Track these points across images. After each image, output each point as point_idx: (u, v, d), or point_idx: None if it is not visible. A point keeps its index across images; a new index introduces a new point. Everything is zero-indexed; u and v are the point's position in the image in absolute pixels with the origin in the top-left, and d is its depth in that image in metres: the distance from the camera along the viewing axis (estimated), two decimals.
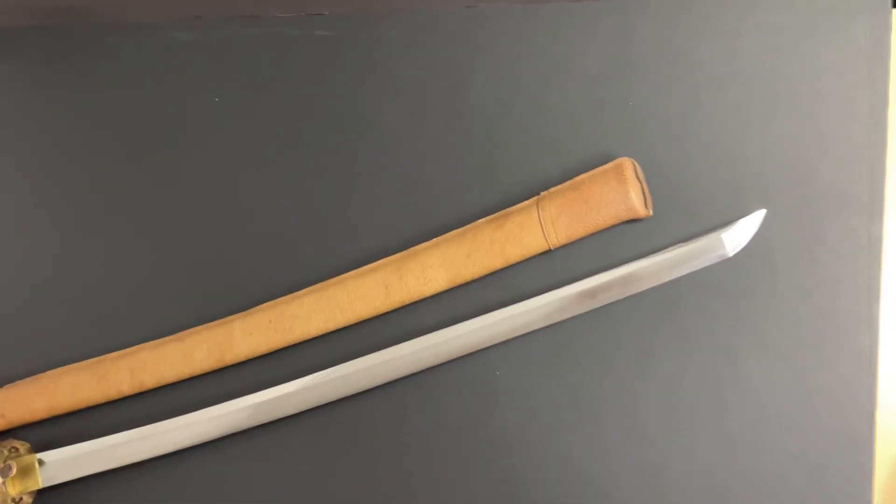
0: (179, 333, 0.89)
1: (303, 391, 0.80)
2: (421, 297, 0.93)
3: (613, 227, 0.88)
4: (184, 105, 0.86)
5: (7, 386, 0.88)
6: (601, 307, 0.85)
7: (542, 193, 0.91)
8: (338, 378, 0.82)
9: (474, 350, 0.88)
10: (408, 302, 0.93)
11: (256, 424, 0.80)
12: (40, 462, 0.81)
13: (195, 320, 0.86)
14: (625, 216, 0.87)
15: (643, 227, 0.88)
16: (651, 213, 0.88)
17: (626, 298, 0.85)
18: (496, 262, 0.90)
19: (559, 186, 0.91)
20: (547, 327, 0.87)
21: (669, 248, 0.85)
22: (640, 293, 0.84)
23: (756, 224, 0.84)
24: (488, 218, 0.92)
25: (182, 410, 0.83)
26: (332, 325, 0.95)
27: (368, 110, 0.93)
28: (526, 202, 0.91)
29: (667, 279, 0.84)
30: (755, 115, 0.87)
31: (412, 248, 0.94)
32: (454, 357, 0.89)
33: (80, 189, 0.87)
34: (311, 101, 0.87)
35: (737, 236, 0.83)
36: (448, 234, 0.94)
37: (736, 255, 0.83)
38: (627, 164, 0.87)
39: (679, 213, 0.88)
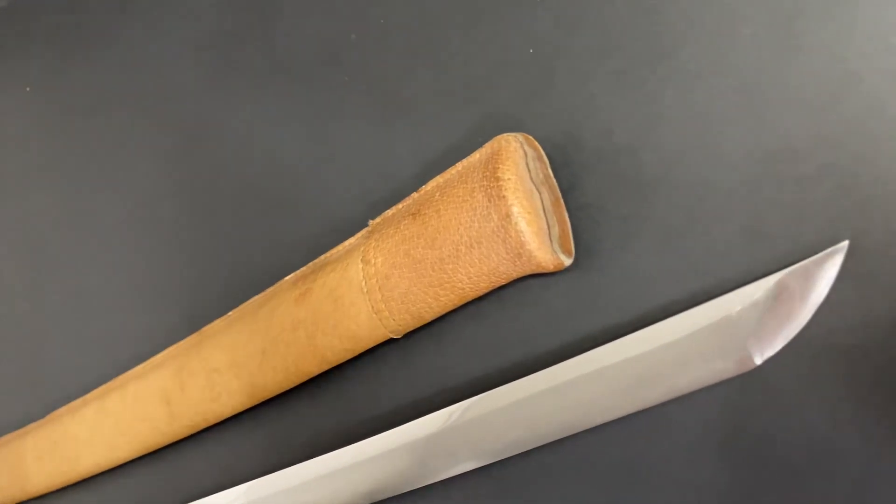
0: None
1: None
2: (216, 418, 0.52)
3: (502, 288, 0.41)
4: None
5: None
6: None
7: (372, 223, 0.45)
8: None
9: None
10: (201, 426, 0.53)
11: None
12: None
13: None
14: (513, 269, 0.38)
15: (566, 286, 0.40)
16: (571, 258, 0.39)
17: None
18: (308, 365, 0.46)
19: (394, 209, 0.44)
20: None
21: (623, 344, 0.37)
22: None
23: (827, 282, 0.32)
24: (294, 276, 0.48)
25: None
26: (119, 455, 0.58)
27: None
28: (350, 241, 0.46)
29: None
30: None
31: (204, 329, 0.53)
32: None
33: None
34: None
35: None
36: (242, 308, 0.51)
37: None
38: (510, 149, 0.38)
39: (637, 255, 0.38)
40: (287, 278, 0.49)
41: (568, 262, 0.38)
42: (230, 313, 0.52)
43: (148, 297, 0.61)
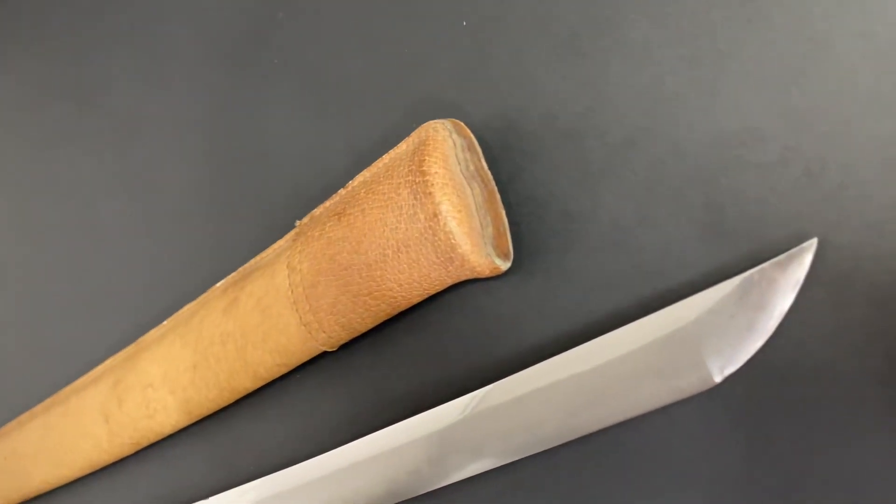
0: None
1: None
2: (155, 436, 0.48)
3: (441, 294, 0.36)
4: None
5: None
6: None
7: (300, 224, 0.40)
8: None
9: None
10: (142, 444, 0.49)
11: None
12: None
13: None
14: (446, 275, 0.34)
15: (507, 291, 0.35)
16: (509, 261, 0.34)
17: None
18: (240, 381, 0.42)
19: (321, 207, 0.39)
20: None
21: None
22: None
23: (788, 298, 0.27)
24: (225, 282, 0.44)
25: None
26: (65, 472, 0.55)
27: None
28: (280, 243, 0.41)
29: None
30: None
31: (141, 339, 0.50)
32: None
33: None
34: None
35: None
36: (176, 316, 0.47)
37: None
38: (438, 139, 0.33)
39: (584, 256, 0.33)
40: (218, 285, 0.45)
41: (505, 265, 0.34)
42: (165, 322, 0.48)
43: (95, 302, 0.57)
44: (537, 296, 0.34)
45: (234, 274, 0.44)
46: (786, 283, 0.28)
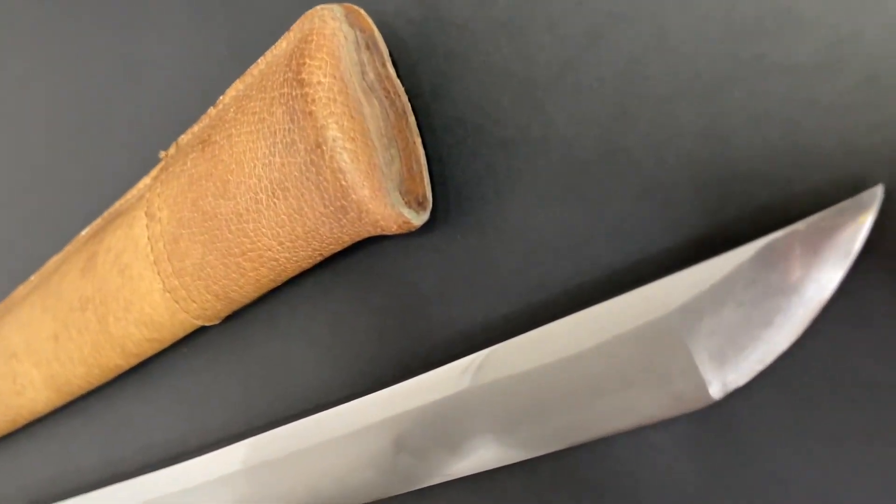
0: None
1: None
2: (29, 414, 0.40)
3: (343, 253, 0.26)
4: None
5: None
6: None
7: (165, 155, 0.30)
8: None
9: None
10: (17, 423, 0.41)
11: None
12: None
13: None
14: (340, 231, 0.24)
15: (425, 254, 0.25)
16: (426, 212, 0.24)
17: None
18: (108, 356, 0.33)
19: (189, 132, 0.29)
20: None
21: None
22: None
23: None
24: (89, 230, 0.34)
25: None
26: None
27: None
28: (144, 181, 0.31)
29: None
30: None
31: (9, 297, 0.40)
32: None
33: None
34: None
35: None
36: (41, 272, 0.38)
37: None
38: (325, 33, 0.22)
39: (528, 207, 0.23)
40: (82, 233, 0.35)
41: (419, 219, 0.24)
42: (32, 277, 0.39)
43: None
44: (466, 261, 0.24)
45: (97, 220, 0.35)
46: (830, 252, 0.18)
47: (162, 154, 0.30)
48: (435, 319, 0.25)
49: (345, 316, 0.28)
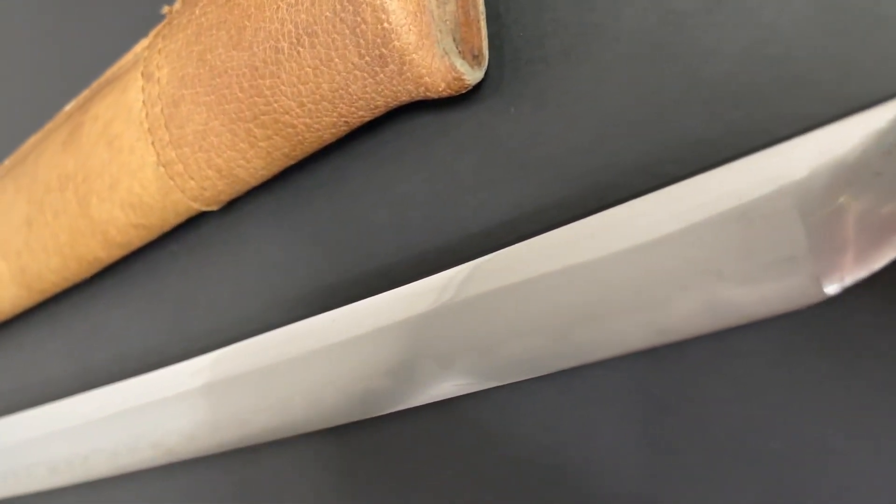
0: None
1: None
2: None
3: (375, 127, 0.23)
4: None
5: None
6: None
7: (170, 10, 0.25)
8: None
9: None
10: None
11: None
12: None
13: None
14: (376, 89, 0.20)
15: (477, 123, 0.21)
16: (482, 69, 0.20)
17: None
18: (89, 246, 0.29)
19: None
20: None
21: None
22: None
23: None
24: (75, 102, 0.30)
25: None
26: None
27: None
28: (143, 42, 0.27)
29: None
30: None
31: None
32: None
33: None
34: None
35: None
36: (17, 153, 0.33)
37: None
38: None
39: (609, 72, 0.19)
40: (66, 108, 0.31)
41: (473, 77, 0.20)
42: (6, 161, 0.35)
43: None
44: (518, 139, 0.21)
45: (84, 91, 0.30)
46: None
47: (166, 9, 0.26)
48: (472, 211, 0.22)
49: (362, 209, 0.24)
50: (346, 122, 0.22)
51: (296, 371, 0.25)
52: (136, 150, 0.26)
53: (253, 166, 0.24)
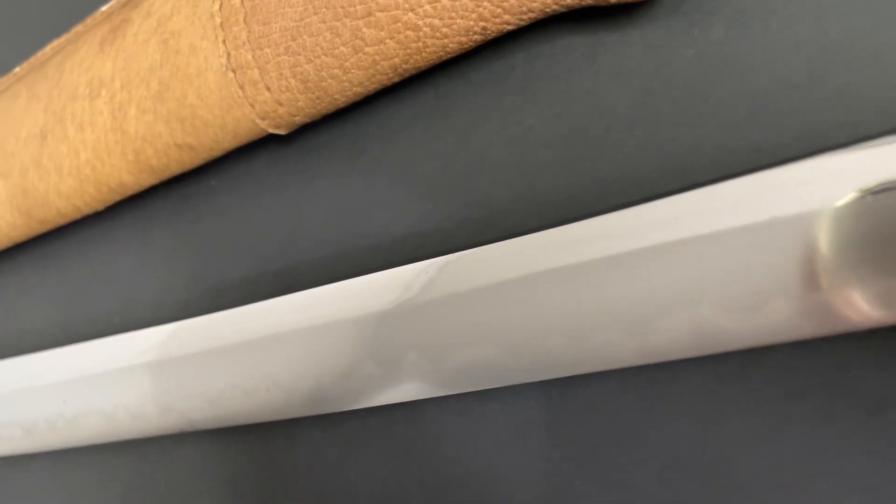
0: None
1: None
2: None
3: (506, 40, 0.19)
4: None
5: None
6: None
7: None
8: None
9: None
10: None
11: None
12: None
13: None
14: None
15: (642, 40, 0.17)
16: None
17: None
18: (115, 168, 0.24)
19: None
20: None
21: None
22: None
23: None
24: (110, 5, 0.25)
25: None
26: None
27: None
28: None
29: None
30: None
31: None
32: None
33: None
34: None
35: None
36: (33, 59, 0.28)
37: None
38: None
39: None
40: (104, 7, 0.27)
41: None
42: (17, 69, 0.30)
43: None
44: (696, 66, 0.17)
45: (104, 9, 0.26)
46: None
47: None
48: (628, 152, 0.18)
49: (475, 145, 0.20)
50: (483, 27, 0.18)
51: (234, 358, 0.22)
52: (199, 50, 0.22)
53: (349, 79, 0.20)
